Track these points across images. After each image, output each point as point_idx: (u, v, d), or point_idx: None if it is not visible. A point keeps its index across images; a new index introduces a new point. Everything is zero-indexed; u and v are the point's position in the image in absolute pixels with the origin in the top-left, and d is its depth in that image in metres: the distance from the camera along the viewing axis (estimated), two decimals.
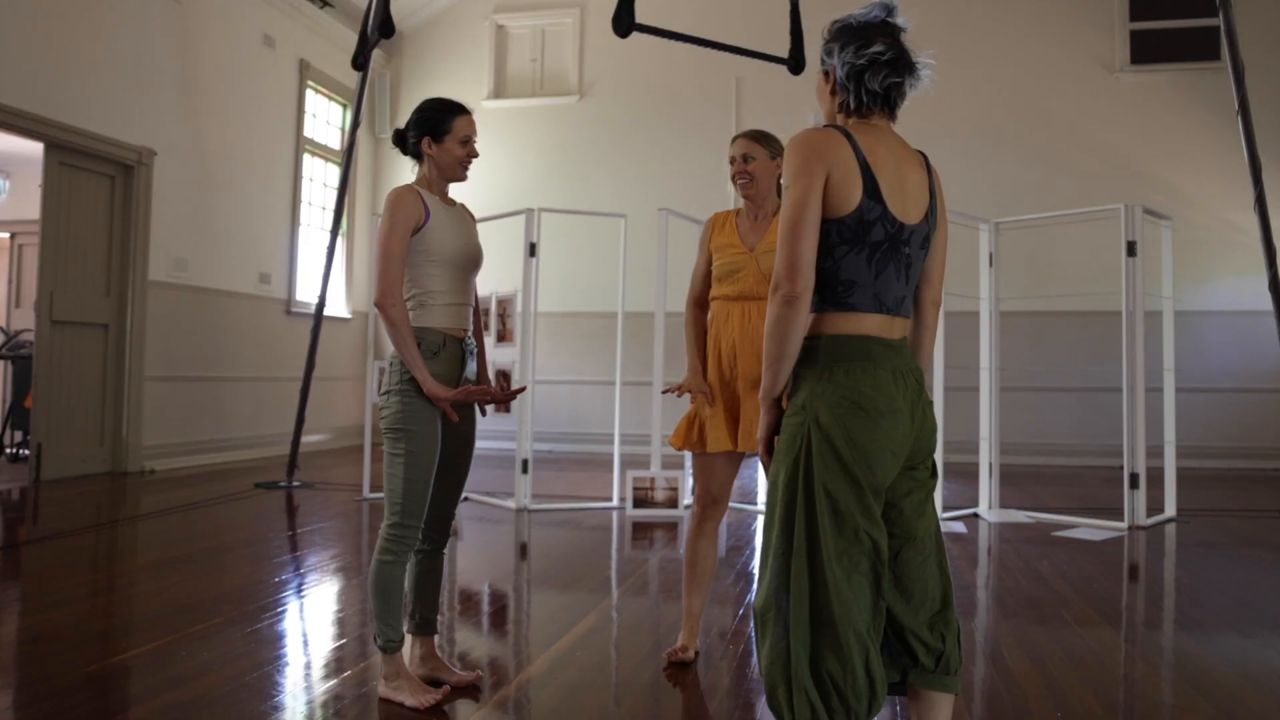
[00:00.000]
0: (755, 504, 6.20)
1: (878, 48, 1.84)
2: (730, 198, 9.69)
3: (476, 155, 2.62)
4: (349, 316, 10.10)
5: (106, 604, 3.64)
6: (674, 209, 6.53)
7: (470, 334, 2.66)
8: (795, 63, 4.67)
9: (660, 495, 5.87)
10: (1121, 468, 5.59)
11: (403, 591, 2.56)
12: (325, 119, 9.97)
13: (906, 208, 1.83)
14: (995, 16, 9.36)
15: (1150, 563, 4.73)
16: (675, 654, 2.92)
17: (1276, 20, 8.81)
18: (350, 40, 10.01)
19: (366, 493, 6.26)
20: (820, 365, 1.79)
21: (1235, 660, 3.08)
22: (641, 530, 5.43)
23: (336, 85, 10.01)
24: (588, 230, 9.05)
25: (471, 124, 2.61)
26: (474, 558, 4.78)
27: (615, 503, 6.11)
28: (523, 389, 3.03)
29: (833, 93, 1.89)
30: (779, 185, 2.94)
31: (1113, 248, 8.50)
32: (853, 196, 1.76)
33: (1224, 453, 8.48)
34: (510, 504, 6.03)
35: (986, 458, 5.93)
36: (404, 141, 2.66)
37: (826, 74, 1.90)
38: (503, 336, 6.19)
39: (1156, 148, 8.91)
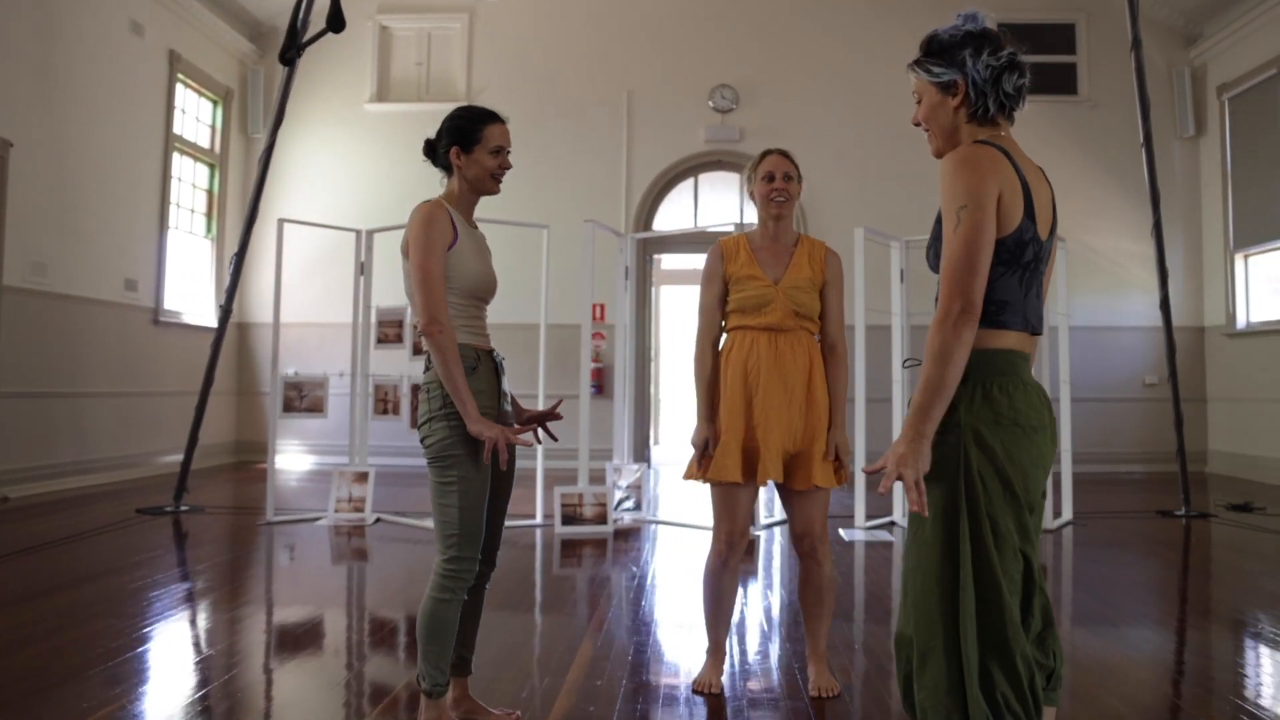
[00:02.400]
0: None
1: (1010, 49, 1.84)
2: (623, 213, 9.71)
3: (509, 167, 2.47)
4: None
5: None
6: (563, 221, 6.51)
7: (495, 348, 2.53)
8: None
9: (589, 512, 5.78)
10: None
11: (455, 632, 2.40)
12: (196, 115, 9.32)
13: (1044, 224, 1.82)
14: (897, 43, 9.78)
15: (1061, 563, 5.04)
16: (705, 687, 2.86)
17: (1121, 57, 9.62)
18: (223, 34, 9.47)
19: (271, 515, 5.87)
20: (972, 382, 1.74)
21: (1141, 650, 3.32)
22: (571, 548, 5.33)
23: (209, 80, 9.38)
24: (501, 240, 8.81)
25: (505, 134, 2.47)
26: (393, 582, 4.54)
27: (539, 520, 5.97)
28: (559, 401, 2.87)
29: (962, 103, 1.85)
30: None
31: None
32: (1015, 217, 1.73)
33: (1090, 458, 9.16)
34: (430, 524, 5.78)
35: None
36: (433, 152, 2.50)
37: (946, 85, 1.86)
38: (419, 349, 5.94)
39: None
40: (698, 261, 13.61)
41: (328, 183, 9.90)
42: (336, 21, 4.80)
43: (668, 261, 13.11)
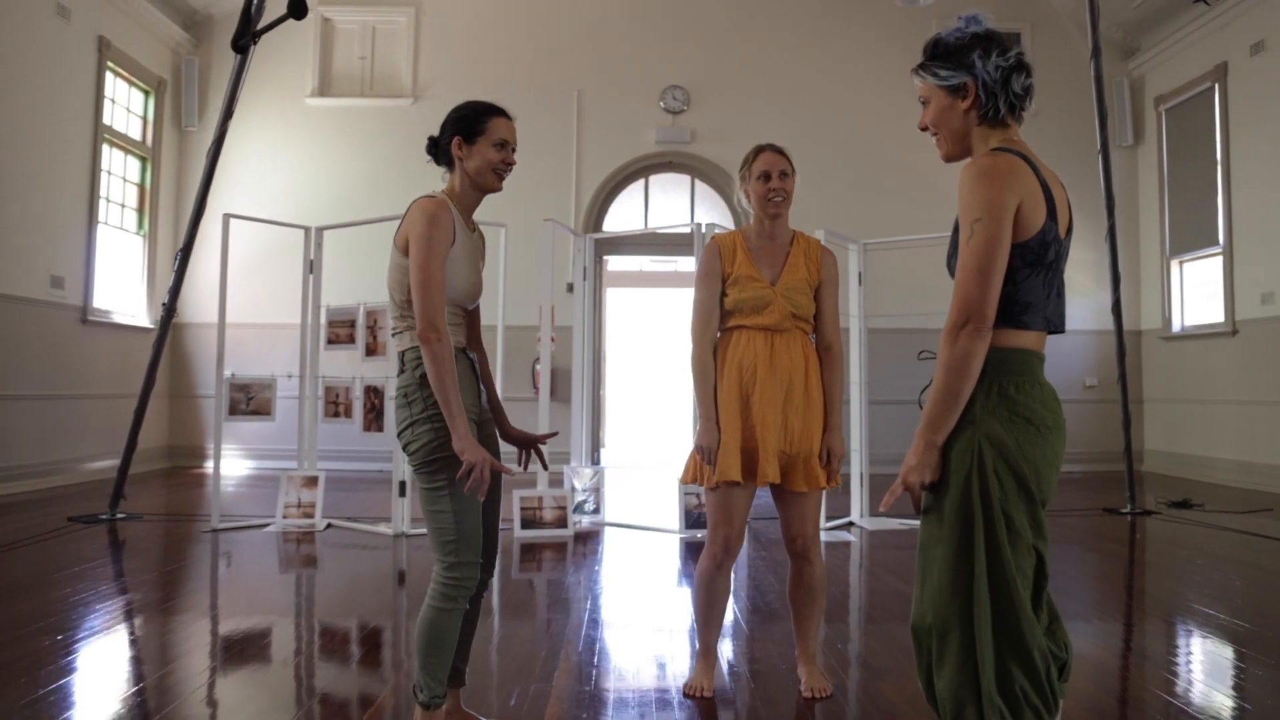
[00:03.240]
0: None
1: (1016, 49, 1.84)
2: (573, 213, 9.60)
3: (513, 164, 2.36)
4: (151, 327, 9.07)
5: None
6: (510, 221, 6.39)
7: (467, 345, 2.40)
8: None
9: (549, 515, 5.66)
10: None
11: (455, 642, 2.27)
12: (126, 106, 8.92)
13: (1063, 224, 1.83)
14: (849, 44, 9.83)
15: None
16: (696, 691, 2.78)
17: (1062, 68, 9.87)
18: (156, 21, 9.09)
19: (216, 522, 5.61)
20: (989, 380, 1.75)
21: (1099, 642, 3.35)
22: (531, 552, 5.20)
23: (140, 69, 8.99)
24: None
25: (511, 129, 2.35)
26: (345, 589, 4.37)
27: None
28: (554, 433, 2.78)
29: (972, 105, 1.84)
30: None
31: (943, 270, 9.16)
32: (1037, 220, 1.74)
33: None
34: (385, 529, 5.61)
35: (858, 468, 6.18)
36: (436, 147, 2.37)
37: (955, 88, 1.85)
38: (372, 350, 5.76)
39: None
40: (645, 263, 13.57)
41: (267, 178, 9.58)
42: (298, 7, 4.58)
43: (614, 263, 13.02)
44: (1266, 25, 7.80)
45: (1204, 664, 3.28)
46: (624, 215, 10.05)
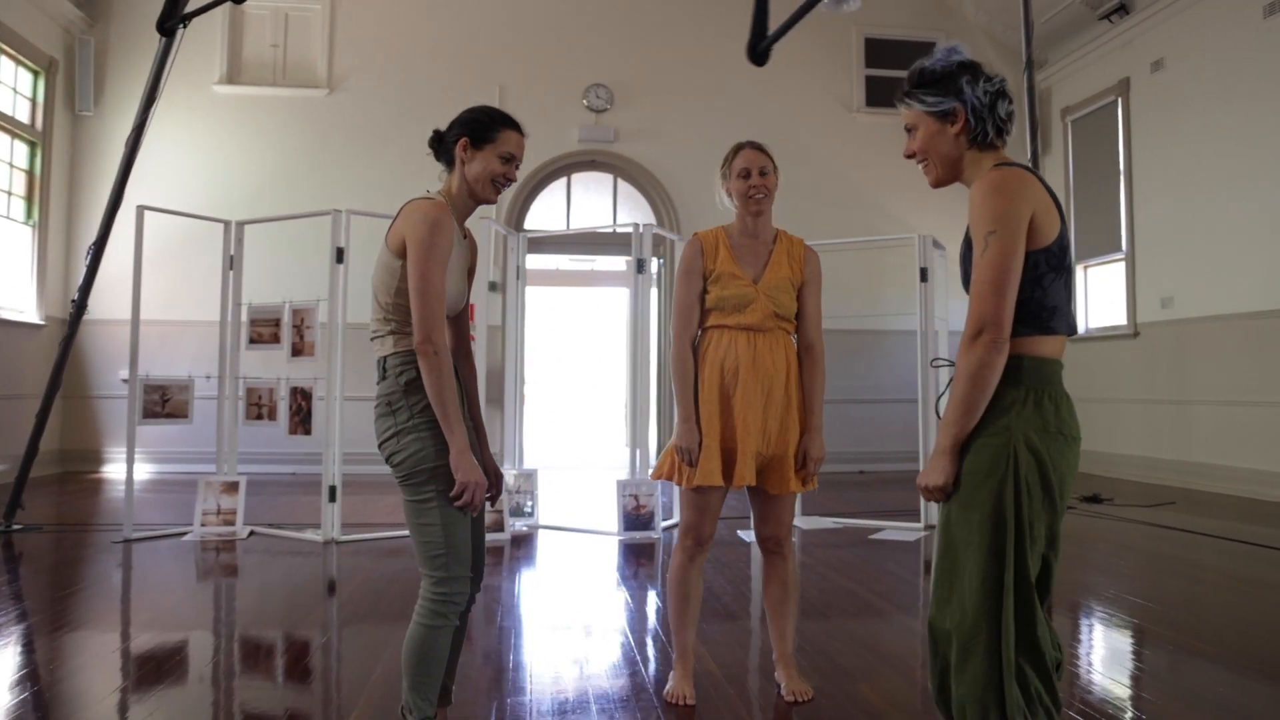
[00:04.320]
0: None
1: (999, 76, 1.89)
2: (493, 211, 9.41)
3: (514, 180, 2.26)
4: (41, 323, 8.51)
5: None
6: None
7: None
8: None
9: (485, 519, 5.51)
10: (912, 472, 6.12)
11: (445, 661, 2.15)
12: (14, 87, 8.34)
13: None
14: (772, 64, 9.90)
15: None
16: (678, 699, 2.71)
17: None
18: None
19: (129, 531, 5.28)
20: (1025, 387, 1.78)
21: None
22: None
23: (29, 48, 8.41)
24: (362, 236, 8.37)
25: (521, 144, 2.24)
26: (270, 599, 4.16)
27: None
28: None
29: (962, 130, 1.87)
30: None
31: (875, 271, 9.34)
32: (1054, 226, 1.78)
33: None
34: (314, 536, 5.37)
35: None
36: (440, 143, 2.25)
37: (944, 114, 1.88)
38: (299, 350, 5.51)
39: (885, 182, 9.93)
40: (563, 263, 13.42)
41: (174, 167, 9.09)
42: None
43: (531, 261, 12.86)
44: (1166, 45, 8.21)
45: (1106, 645, 3.46)
46: (545, 213, 9.93)
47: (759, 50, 3.57)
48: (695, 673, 2.90)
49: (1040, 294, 1.78)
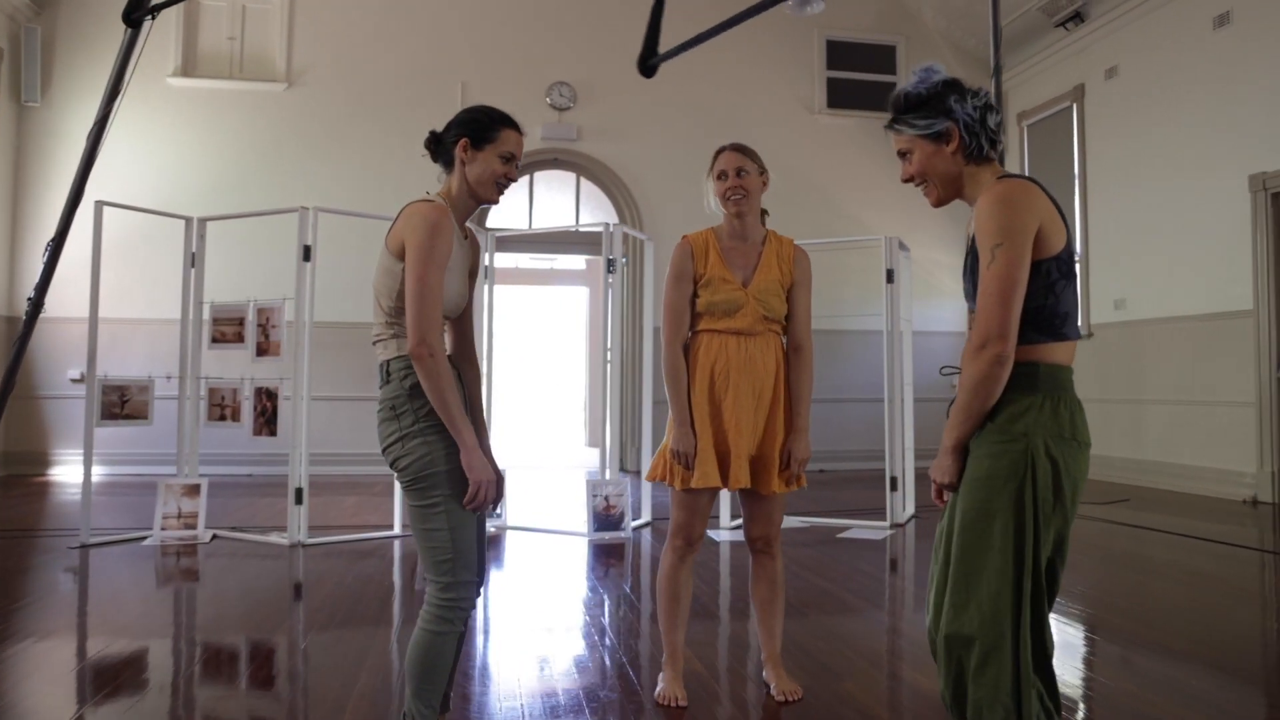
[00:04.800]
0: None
1: (985, 90, 1.91)
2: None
3: (515, 179, 2.24)
4: None
5: None
6: (395, 214, 6.16)
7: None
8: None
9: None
10: (877, 471, 6.20)
11: (450, 667, 2.13)
12: None
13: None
14: (735, 45, 9.93)
15: (910, 553, 5.30)
16: (670, 700, 2.71)
17: None
18: None
19: (87, 536, 5.13)
20: (1041, 393, 1.80)
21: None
22: None
23: None
24: (327, 235, 8.26)
25: (520, 143, 2.22)
26: (233, 604, 4.09)
27: (398, 530, 5.58)
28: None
29: (958, 147, 1.89)
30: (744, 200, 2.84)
31: (836, 271, 9.42)
32: (1060, 232, 1.81)
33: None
34: (280, 539, 5.27)
35: None
36: (437, 143, 2.22)
37: (939, 134, 1.89)
38: (264, 350, 5.41)
39: (844, 182, 10.03)
40: (523, 261, 13.39)
41: (126, 160, 8.85)
42: None
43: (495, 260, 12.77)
44: (1120, 53, 8.41)
45: (1059, 636, 3.49)
46: (508, 212, 9.86)
47: (648, 65, 3.58)
48: (688, 673, 2.90)
49: (1053, 301, 1.81)
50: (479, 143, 2.17)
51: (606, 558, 5.12)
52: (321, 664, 3.13)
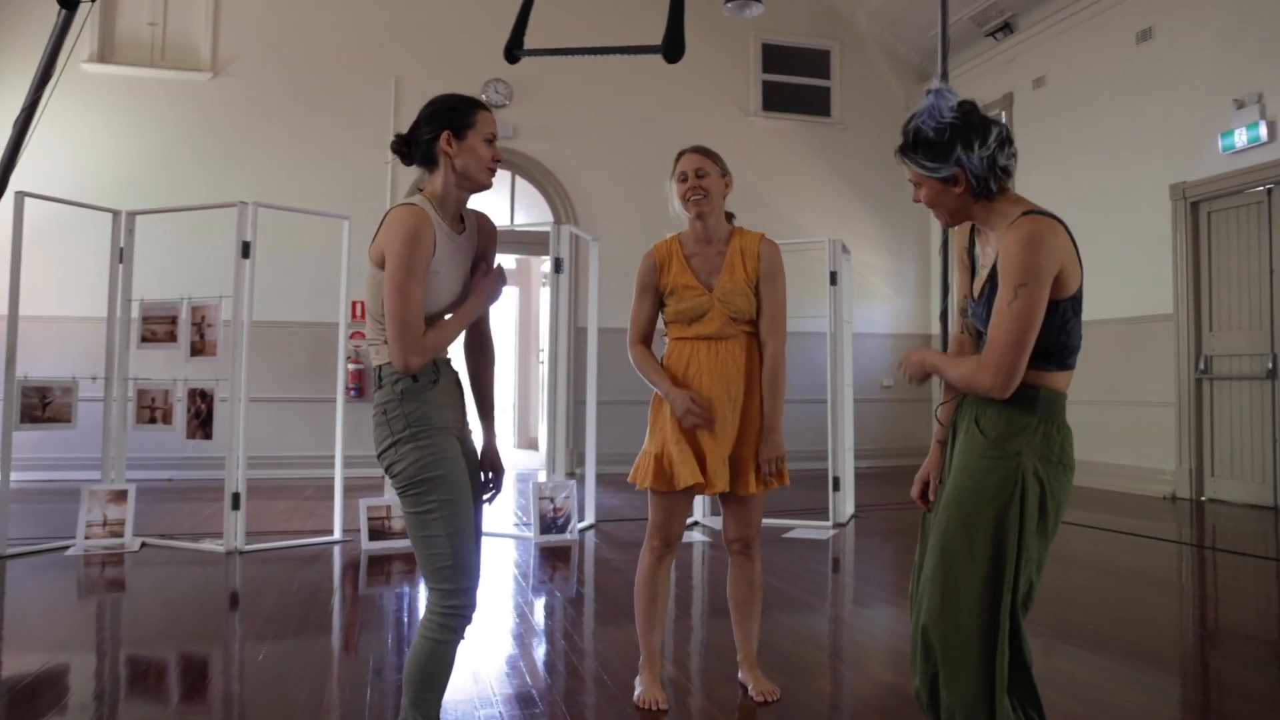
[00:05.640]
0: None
1: (996, 130, 1.88)
2: (387, 204, 9.13)
3: (502, 159, 2.17)
4: None
5: None
6: (327, 209, 6.02)
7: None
8: (673, 49, 4.25)
9: (397, 524, 5.33)
10: (822, 471, 6.27)
11: (449, 676, 2.06)
12: None
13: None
14: (654, 56, 9.94)
15: (852, 552, 5.39)
16: (651, 704, 2.68)
17: (868, 86, 10.53)
18: None
19: (3, 547, 4.84)
20: (1038, 416, 1.85)
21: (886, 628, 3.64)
22: (379, 564, 4.89)
23: None
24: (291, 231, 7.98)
25: (495, 122, 2.16)
26: (162, 615, 3.92)
27: (339, 535, 5.42)
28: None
29: (965, 190, 1.88)
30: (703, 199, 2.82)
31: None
32: (1078, 274, 1.85)
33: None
34: (215, 546, 5.06)
35: None
36: (408, 146, 2.13)
37: (947, 179, 1.88)
38: (199, 349, 5.19)
39: (779, 185, 10.13)
40: None
41: (34, 149, 8.38)
42: None
43: None
44: (1048, 64, 8.69)
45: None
46: None
47: (512, 54, 3.57)
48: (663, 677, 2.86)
49: (1065, 337, 1.86)
50: (461, 132, 2.10)
51: (552, 560, 5.06)
52: (284, 675, 3.00)
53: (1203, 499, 7.12)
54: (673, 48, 3.69)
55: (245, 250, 5.10)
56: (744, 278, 2.75)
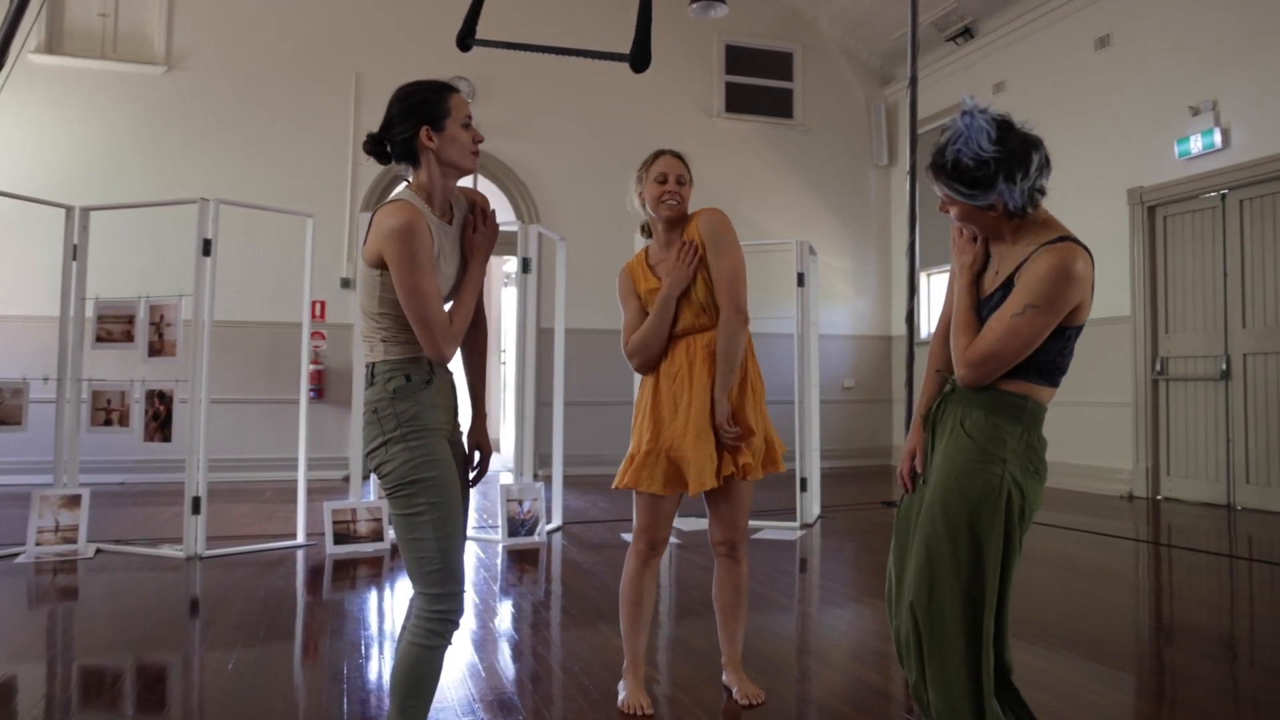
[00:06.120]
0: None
1: (1037, 157, 1.85)
2: (347, 204, 8.98)
3: (482, 140, 2.13)
4: None
5: None
6: (286, 206, 5.90)
7: None
8: (640, 60, 4.26)
9: (363, 528, 5.24)
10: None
11: (437, 683, 2.00)
12: None
13: None
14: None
15: (818, 551, 5.41)
16: (636, 709, 2.64)
17: (830, 89, 10.60)
18: None
19: None
20: (1022, 425, 1.88)
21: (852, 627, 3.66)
22: (345, 569, 4.79)
23: None
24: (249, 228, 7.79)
25: (467, 103, 2.12)
26: (117, 624, 3.80)
27: (302, 539, 5.31)
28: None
29: (1001, 214, 1.88)
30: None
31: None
32: (1089, 306, 1.88)
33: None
34: (174, 552, 4.93)
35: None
36: (382, 145, 2.07)
37: (983, 207, 1.87)
38: (158, 349, 5.05)
39: (742, 186, 10.15)
40: None
41: None
42: None
43: None
44: (1008, 69, 8.82)
45: None
46: None
47: (465, 42, 3.55)
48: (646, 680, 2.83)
49: (1062, 359, 1.91)
50: (439, 122, 2.05)
51: (520, 563, 5.00)
52: (256, 685, 2.91)
53: (1159, 497, 7.27)
54: (640, 59, 3.67)
55: (206, 248, 4.96)
56: (698, 269, 2.72)
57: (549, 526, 5.87)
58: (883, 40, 10.00)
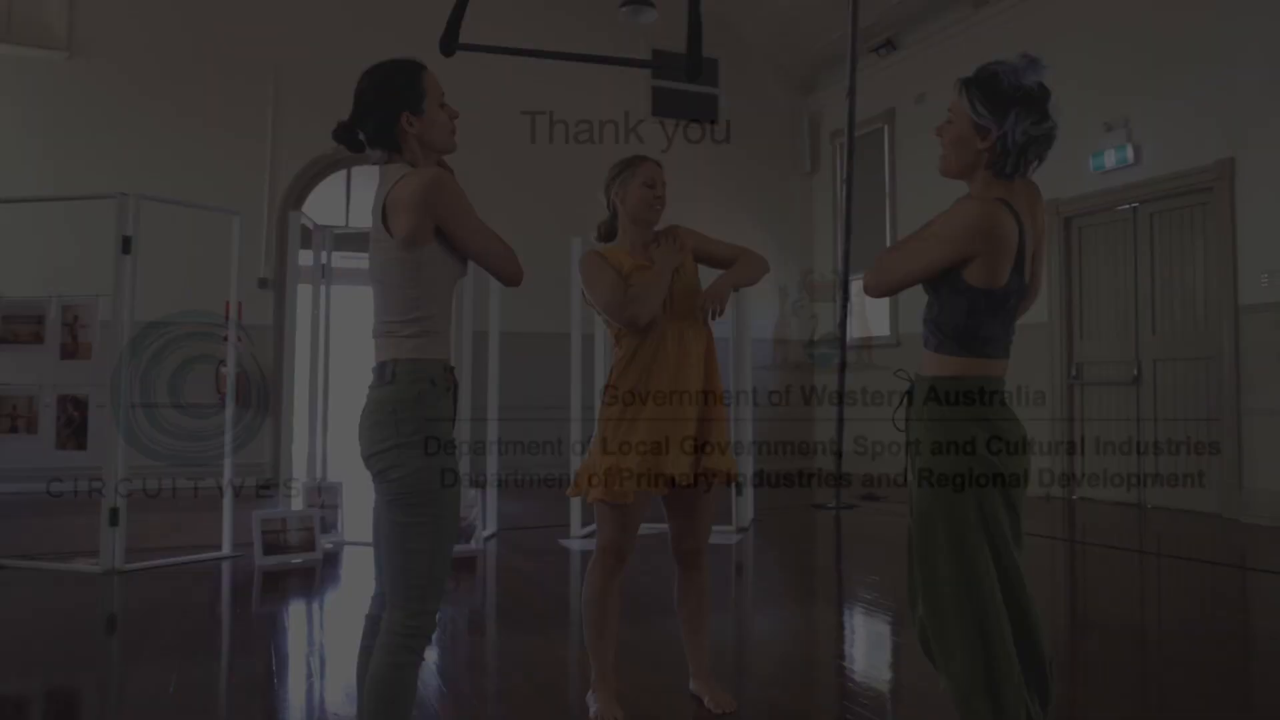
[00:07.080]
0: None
1: (1050, 122, 1.92)
2: (265, 201, 8.65)
3: (458, 114, 2.05)
4: None
5: None
6: (199, 201, 5.68)
7: None
8: (694, 69, 4.19)
9: (294, 538, 5.03)
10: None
11: (414, 698, 1.91)
12: None
13: (1031, 270, 1.99)
14: (572, 43, 9.80)
15: (751, 556, 5.46)
16: None
17: (754, 96, 10.70)
18: None
19: None
20: (976, 407, 1.91)
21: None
22: (276, 581, 4.61)
23: None
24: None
25: (437, 80, 2.03)
26: (16, 644, 3.58)
27: (227, 550, 5.07)
28: None
29: (988, 150, 1.91)
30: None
31: None
32: (1004, 274, 1.88)
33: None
34: (89, 566, 4.64)
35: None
36: (353, 133, 1.97)
37: (981, 129, 1.91)
38: (71, 351, 4.76)
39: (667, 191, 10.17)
40: (337, 259, 12.56)
41: None
42: None
43: (303, 258, 11.97)
44: (928, 80, 9.03)
45: (868, 632, 3.80)
46: (321, 206, 9.25)
47: (447, 46, 3.53)
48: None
49: (974, 325, 1.90)
50: (418, 106, 1.97)
51: (464, 571, 4.89)
52: (187, 707, 2.74)
53: (1074, 498, 7.55)
54: (694, 68, 3.63)
55: (126, 245, 4.70)
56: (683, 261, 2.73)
57: (485, 533, 5.75)
58: (808, 48, 10.15)
